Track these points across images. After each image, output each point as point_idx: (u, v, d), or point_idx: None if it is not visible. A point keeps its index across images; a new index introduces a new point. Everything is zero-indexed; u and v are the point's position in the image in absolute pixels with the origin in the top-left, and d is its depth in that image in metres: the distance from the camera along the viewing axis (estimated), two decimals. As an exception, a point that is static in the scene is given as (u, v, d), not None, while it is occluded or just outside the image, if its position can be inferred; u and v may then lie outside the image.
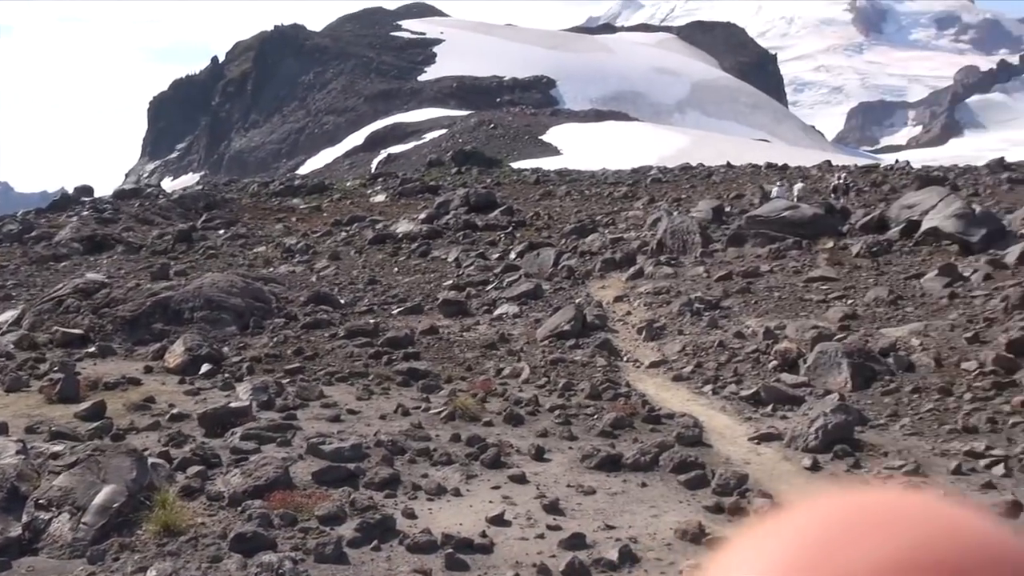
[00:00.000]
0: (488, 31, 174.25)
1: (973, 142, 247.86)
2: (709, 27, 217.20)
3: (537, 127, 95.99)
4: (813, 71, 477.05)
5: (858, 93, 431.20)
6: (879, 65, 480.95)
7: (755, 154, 69.55)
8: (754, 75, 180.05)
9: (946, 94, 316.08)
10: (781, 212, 24.50)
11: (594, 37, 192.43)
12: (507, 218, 31.85)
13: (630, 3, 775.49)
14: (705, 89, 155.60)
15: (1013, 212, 24.99)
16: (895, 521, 0.52)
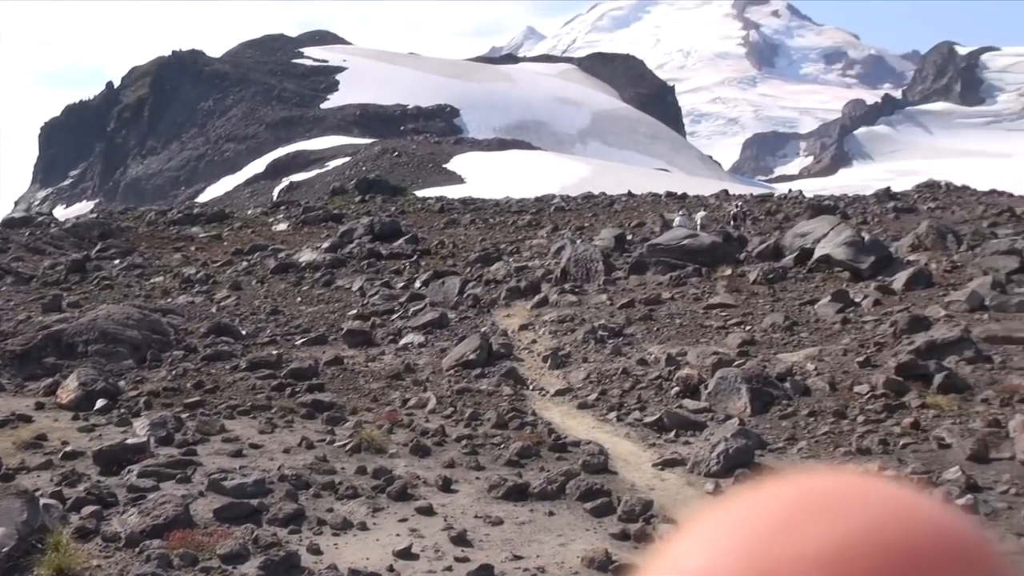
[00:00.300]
0: (391, 60, 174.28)
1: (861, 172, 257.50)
2: (609, 59, 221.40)
3: (441, 155, 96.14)
4: (709, 103, 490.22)
5: (752, 124, 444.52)
6: (772, 98, 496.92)
7: (655, 183, 70.95)
8: (653, 106, 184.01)
9: (835, 126, 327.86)
10: (681, 240, 25.00)
11: (497, 67, 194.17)
12: (412, 247, 31.76)
13: (532, 34, 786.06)
14: (606, 119, 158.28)
15: (899, 240, 26.02)
16: (844, 505, 0.52)
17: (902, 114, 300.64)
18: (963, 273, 20.79)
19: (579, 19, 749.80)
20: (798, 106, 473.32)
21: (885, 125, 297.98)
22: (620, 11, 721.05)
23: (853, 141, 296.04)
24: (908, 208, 37.48)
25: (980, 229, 28.15)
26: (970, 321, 16.41)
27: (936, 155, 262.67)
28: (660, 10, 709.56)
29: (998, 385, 13.06)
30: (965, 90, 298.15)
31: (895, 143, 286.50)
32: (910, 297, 19.06)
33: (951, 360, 14.00)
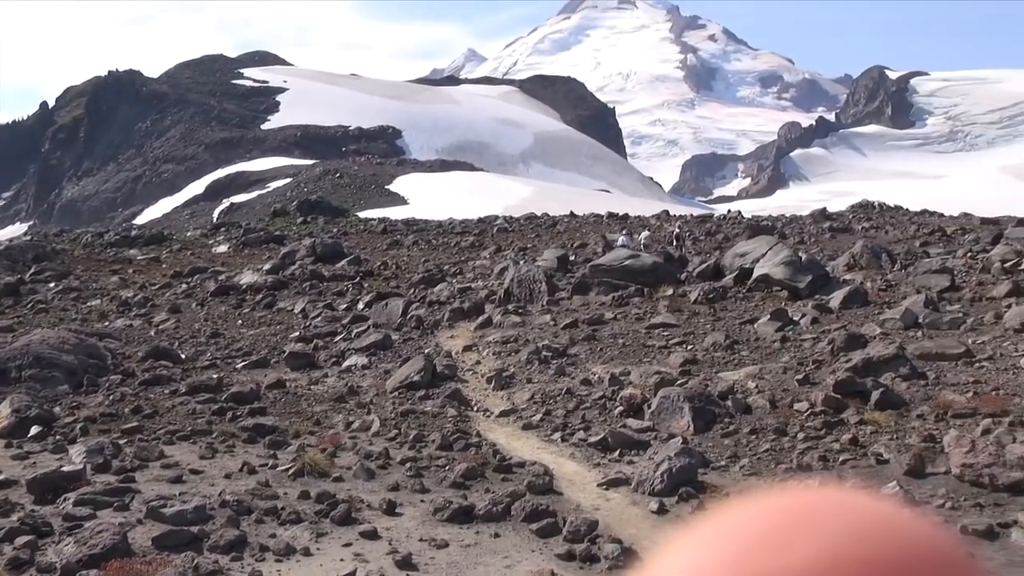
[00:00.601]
0: (332, 81, 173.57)
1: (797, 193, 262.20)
2: (550, 81, 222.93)
3: (383, 177, 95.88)
4: (649, 125, 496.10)
5: (691, 146, 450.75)
6: (710, 120, 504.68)
7: (597, 204, 71.54)
8: (594, 128, 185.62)
9: (771, 148, 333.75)
10: (623, 261, 25.19)
11: (439, 88, 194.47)
12: (354, 268, 31.56)
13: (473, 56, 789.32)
14: (548, 141, 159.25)
15: (835, 259, 26.55)
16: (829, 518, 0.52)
17: (836, 136, 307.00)
18: (897, 291, 21.27)
19: (520, 42, 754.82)
20: (736, 128, 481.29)
21: (820, 147, 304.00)
22: (560, 34, 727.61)
23: (789, 163, 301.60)
24: (843, 228, 38.24)
25: (913, 248, 28.83)
26: (904, 338, 16.77)
27: (869, 176, 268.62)
28: (599, 34, 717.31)
29: (932, 401, 13.35)
30: (895, 113, 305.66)
31: (830, 164, 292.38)
32: (847, 315, 19.42)
33: (887, 377, 14.28)
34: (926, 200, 66.76)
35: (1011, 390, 13.65)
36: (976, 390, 13.73)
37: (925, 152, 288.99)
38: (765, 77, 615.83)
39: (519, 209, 65.56)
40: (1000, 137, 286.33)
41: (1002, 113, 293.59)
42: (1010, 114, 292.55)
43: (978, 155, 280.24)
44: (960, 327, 17.52)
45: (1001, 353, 15.58)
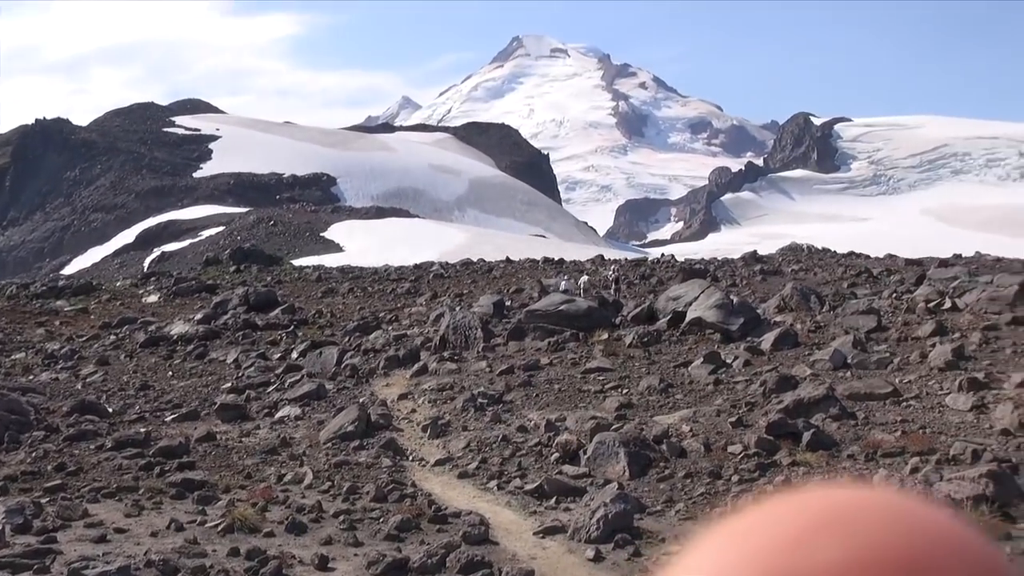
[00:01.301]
0: (266, 129, 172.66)
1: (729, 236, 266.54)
2: (484, 128, 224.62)
3: (318, 224, 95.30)
4: (583, 171, 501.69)
5: (625, 191, 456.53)
6: (643, 166, 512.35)
7: (533, 249, 71.84)
8: (529, 174, 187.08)
9: (703, 192, 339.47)
10: (559, 306, 25.25)
11: (374, 136, 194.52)
12: (288, 317, 31.19)
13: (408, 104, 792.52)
14: (483, 187, 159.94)
15: (766, 301, 26.94)
16: (857, 517, 0.52)
17: (765, 181, 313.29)
18: (826, 333, 21.61)
19: (454, 90, 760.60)
20: (667, 173, 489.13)
21: (749, 191, 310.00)
22: (493, 82, 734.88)
23: (720, 207, 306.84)
24: (774, 271, 38.91)
25: (840, 290, 29.41)
26: (834, 379, 17.02)
27: (798, 219, 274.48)
28: (532, 82, 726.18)
29: (862, 441, 13.53)
30: (821, 158, 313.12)
31: (760, 208, 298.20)
32: (778, 357, 19.67)
33: (818, 418, 14.45)
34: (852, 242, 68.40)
35: (937, 428, 13.90)
36: (904, 429, 13.96)
37: (850, 195, 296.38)
38: (695, 123, 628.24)
39: (455, 255, 65.55)
40: (921, 180, 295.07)
41: (922, 157, 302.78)
42: (929, 158, 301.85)
43: (900, 198, 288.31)
44: (887, 367, 17.84)
45: (927, 392, 15.88)
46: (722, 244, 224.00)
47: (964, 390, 15.29)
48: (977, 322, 20.30)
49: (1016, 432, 13.28)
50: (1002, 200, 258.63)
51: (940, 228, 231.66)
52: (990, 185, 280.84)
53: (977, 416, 14.29)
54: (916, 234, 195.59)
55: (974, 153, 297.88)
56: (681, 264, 45.23)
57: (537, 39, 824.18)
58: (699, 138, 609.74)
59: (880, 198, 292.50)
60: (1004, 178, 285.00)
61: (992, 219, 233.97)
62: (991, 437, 13.23)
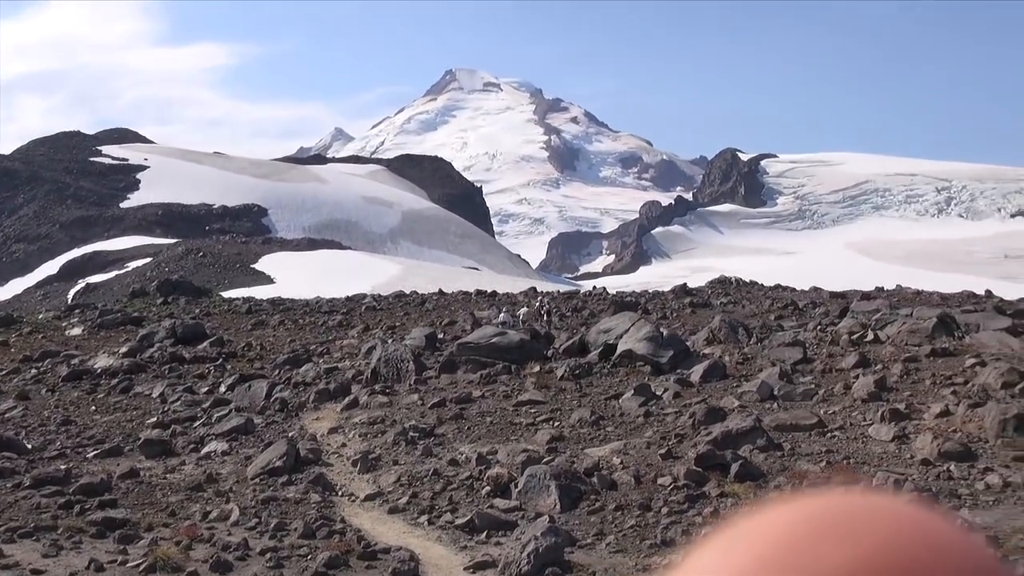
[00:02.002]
0: (196, 159, 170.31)
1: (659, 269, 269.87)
2: (417, 161, 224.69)
3: (249, 255, 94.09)
4: (516, 204, 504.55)
5: (557, 224, 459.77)
6: (575, 199, 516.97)
7: (465, 282, 71.90)
8: (462, 206, 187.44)
9: (634, 226, 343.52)
10: (491, 338, 25.23)
11: (306, 167, 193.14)
12: (217, 349, 30.64)
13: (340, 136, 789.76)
14: (416, 219, 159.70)
15: (696, 333, 27.25)
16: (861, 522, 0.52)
17: (694, 215, 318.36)
18: (753, 364, 21.93)
19: (387, 122, 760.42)
20: (599, 207, 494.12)
21: (679, 225, 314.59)
22: (427, 115, 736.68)
23: (651, 240, 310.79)
24: (703, 303, 39.39)
25: (768, 322, 29.89)
26: (761, 411, 17.25)
27: (726, 253, 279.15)
28: (465, 115, 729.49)
29: (788, 471, 13.71)
30: (748, 193, 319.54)
31: (690, 242, 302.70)
32: (707, 389, 19.89)
33: (745, 449, 14.62)
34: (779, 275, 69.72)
35: (861, 459, 14.16)
36: (829, 459, 14.19)
37: (776, 230, 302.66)
38: (625, 158, 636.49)
39: (388, 287, 65.22)
40: (844, 216, 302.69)
41: (844, 193, 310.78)
42: (852, 194, 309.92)
43: (825, 232, 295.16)
44: (812, 398, 18.15)
45: (851, 423, 16.19)
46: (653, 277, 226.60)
47: (886, 421, 15.62)
48: (898, 354, 20.79)
49: (935, 462, 13.59)
50: (921, 235, 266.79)
51: (863, 262, 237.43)
52: (910, 220, 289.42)
53: (899, 446, 14.60)
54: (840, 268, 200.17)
55: (894, 189, 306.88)
56: (612, 297, 45.56)
57: (470, 73, 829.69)
58: (630, 172, 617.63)
59: (805, 232, 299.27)
60: (923, 213, 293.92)
61: (912, 253, 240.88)
62: (912, 467, 13.52)
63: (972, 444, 14.20)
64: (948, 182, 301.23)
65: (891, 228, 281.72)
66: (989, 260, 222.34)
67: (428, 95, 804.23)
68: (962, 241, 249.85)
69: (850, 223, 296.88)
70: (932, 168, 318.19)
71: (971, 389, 16.98)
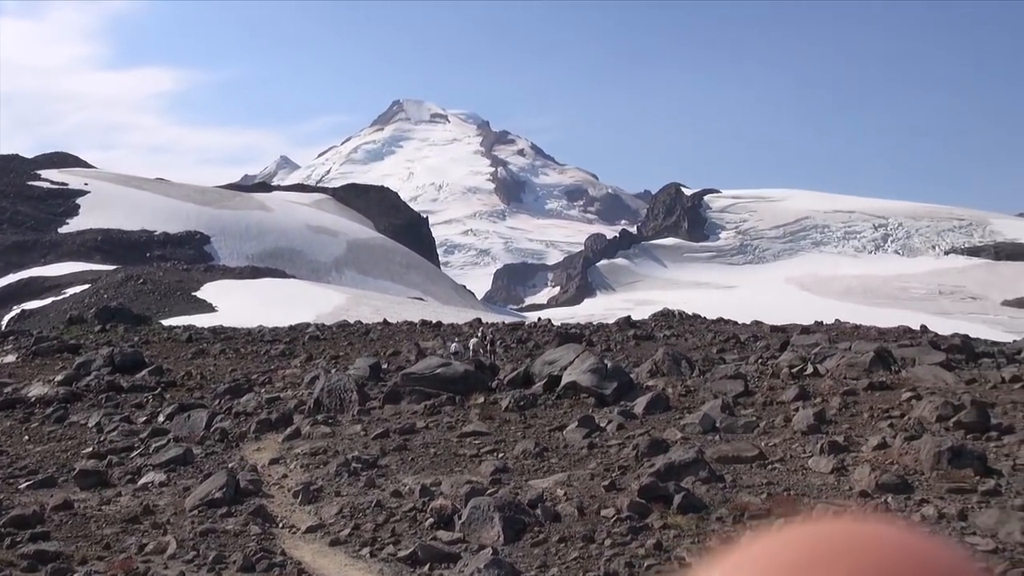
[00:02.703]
0: (138, 185, 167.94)
1: (604, 302, 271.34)
2: (363, 190, 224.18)
3: (190, 283, 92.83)
4: (462, 234, 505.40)
5: (503, 256, 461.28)
6: (520, 231, 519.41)
7: (411, 312, 71.64)
8: (407, 236, 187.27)
9: (579, 258, 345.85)
10: (435, 369, 25.14)
11: (250, 195, 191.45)
12: (156, 378, 30.11)
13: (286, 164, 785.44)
14: (361, 248, 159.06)
15: (639, 366, 27.43)
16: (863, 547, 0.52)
17: (638, 248, 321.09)
18: (696, 397, 22.12)
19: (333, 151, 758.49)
20: (544, 239, 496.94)
21: (623, 258, 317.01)
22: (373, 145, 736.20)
23: (596, 272, 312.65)
24: (646, 336, 39.68)
25: (710, 355, 30.20)
26: (704, 442, 17.39)
27: (670, 286, 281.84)
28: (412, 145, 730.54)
29: (730, 503, 13.82)
30: (691, 227, 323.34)
31: (634, 274, 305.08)
32: (650, 421, 20.01)
33: (688, 480, 14.71)
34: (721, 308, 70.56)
35: (801, 490, 14.33)
36: (770, 491, 14.33)
37: (719, 264, 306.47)
38: (571, 191, 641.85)
39: (332, 317, 64.77)
40: (784, 251, 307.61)
41: (785, 229, 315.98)
42: (792, 230, 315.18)
43: (766, 267, 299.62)
44: (754, 430, 18.36)
45: (791, 455, 16.39)
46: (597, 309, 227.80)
47: (825, 453, 15.84)
48: (837, 387, 21.14)
49: (873, 493, 13.80)
50: (859, 271, 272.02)
51: (802, 296, 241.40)
52: (848, 256, 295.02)
53: (838, 478, 14.81)
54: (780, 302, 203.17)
55: (832, 225, 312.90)
56: (557, 328, 45.68)
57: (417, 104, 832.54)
58: (575, 205, 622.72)
59: (747, 267, 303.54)
60: (860, 250, 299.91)
61: (850, 288, 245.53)
62: (851, 499, 13.71)
63: (908, 476, 14.46)
64: (885, 219, 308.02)
65: (830, 264, 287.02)
66: (924, 296, 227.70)
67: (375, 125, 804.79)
68: (898, 277, 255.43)
69: (790, 258, 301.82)
70: (870, 205, 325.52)
71: (907, 422, 17.31)
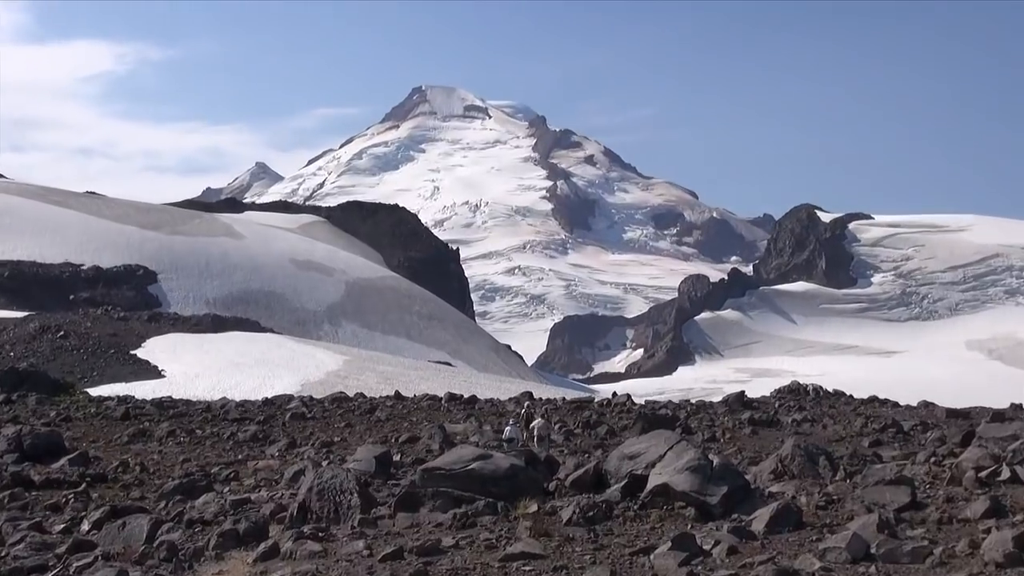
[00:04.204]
0: (60, 200, 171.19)
1: (706, 371, 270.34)
2: (370, 210, 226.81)
3: (129, 337, 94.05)
4: (506, 274, 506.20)
5: (564, 304, 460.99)
6: (588, 270, 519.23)
7: (433, 382, 71.87)
8: (430, 276, 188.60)
9: (670, 309, 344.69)
10: (469, 463, 25.07)
11: (214, 216, 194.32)
12: (79, 470, 30.45)
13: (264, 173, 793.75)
14: (365, 292, 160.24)
15: (758, 464, 27.14)
16: None
17: (755, 295, 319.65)
18: (841, 510, 21.80)
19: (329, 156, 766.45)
20: (622, 282, 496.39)
21: (734, 310, 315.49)
22: (385, 148, 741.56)
23: (694, 330, 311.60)
24: (768, 421, 39.35)
25: (860, 450, 29.84)
26: (853, 575, 17.11)
27: (801, 350, 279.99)
28: (438, 149, 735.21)
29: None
30: (831, 267, 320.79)
31: (748, 333, 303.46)
32: (775, 543, 19.73)
33: (831, 630, 14.45)
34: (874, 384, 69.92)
35: (995, 648, 14.00)
36: (950, 649, 14.03)
37: (871, 319, 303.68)
38: (661, 215, 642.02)
39: (323, 387, 65.11)
40: (965, 303, 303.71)
41: (966, 271, 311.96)
42: (976, 272, 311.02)
43: (938, 325, 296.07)
44: (926, 560, 18.01)
45: (981, 597, 16.04)
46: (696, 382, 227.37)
47: (1031, 595, 15.49)
48: (1046, 499, 20.71)
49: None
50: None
51: (992, 367, 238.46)
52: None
53: (1049, 632, 14.46)
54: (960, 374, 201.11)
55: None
56: (640, 409, 45.51)
57: (446, 92, 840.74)
58: (666, 235, 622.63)
59: (911, 324, 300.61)
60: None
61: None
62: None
63: None
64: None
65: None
66: None
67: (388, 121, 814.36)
68: None
69: (973, 313, 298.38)
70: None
71: None
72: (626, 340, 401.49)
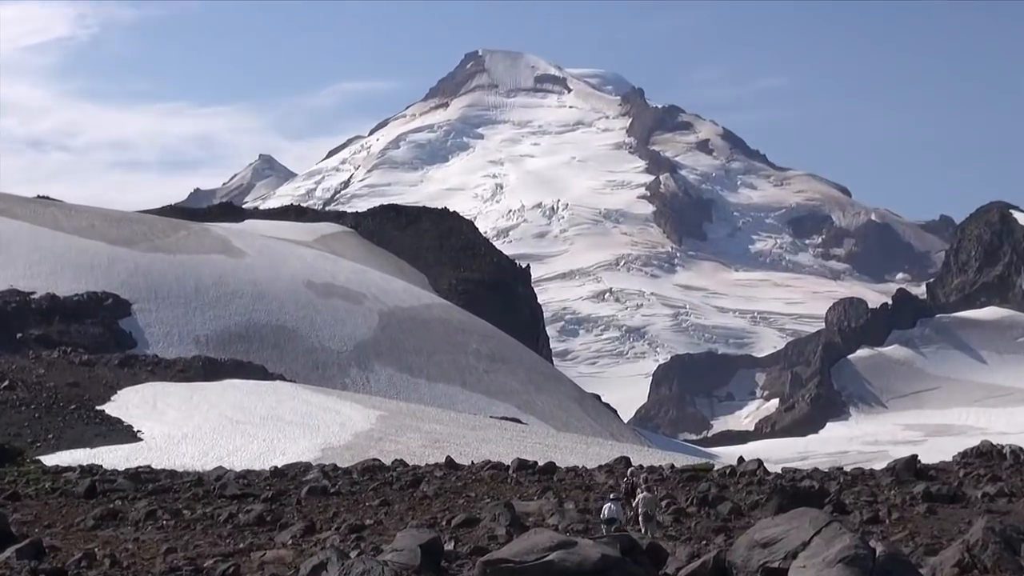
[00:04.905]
0: (4, 209, 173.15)
1: (865, 428, 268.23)
2: (411, 217, 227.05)
3: (94, 388, 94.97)
4: (593, 300, 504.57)
5: (670, 340, 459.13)
6: (704, 294, 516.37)
7: (497, 445, 71.92)
8: (492, 303, 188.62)
9: (815, 346, 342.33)
10: (545, 553, 25.06)
11: (205, 227, 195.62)
12: (30, 564, 30.76)
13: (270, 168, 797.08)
14: (404, 325, 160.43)
15: (938, 553, 26.87)
16: None
17: (930, 326, 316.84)
18: (1051, 614, 21.58)
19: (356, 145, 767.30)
20: (749, 308, 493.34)
21: (902, 345, 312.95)
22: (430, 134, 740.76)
23: (847, 372, 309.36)
24: (949, 495, 38.98)
25: (1075, 533, 29.44)
26: None
27: (992, 399, 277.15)
28: (500, 134, 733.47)
29: None
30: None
31: (921, 377, 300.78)
32: (961, 660, 19.58)
33: None
34: (1093, 444, 68.90)
35: None
36: None
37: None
38: (799, 218, 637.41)
39: (351, 453, 65.41)
40: None
41: None
42: None
43: None
44: None
45: None
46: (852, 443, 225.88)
47: None
48: None
49: None
50: None
51: None
52: None
53: None
54: None
55: None
56: (776, 480, 45.30)
57: (511, 58, 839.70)
58: (807, 244, 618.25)
59: None
60: None
61: None
62: None
63: None
64: None
65: None
66: None
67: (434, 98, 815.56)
68: None
69: None
70: None
71: None
72: (755, 387, 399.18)
